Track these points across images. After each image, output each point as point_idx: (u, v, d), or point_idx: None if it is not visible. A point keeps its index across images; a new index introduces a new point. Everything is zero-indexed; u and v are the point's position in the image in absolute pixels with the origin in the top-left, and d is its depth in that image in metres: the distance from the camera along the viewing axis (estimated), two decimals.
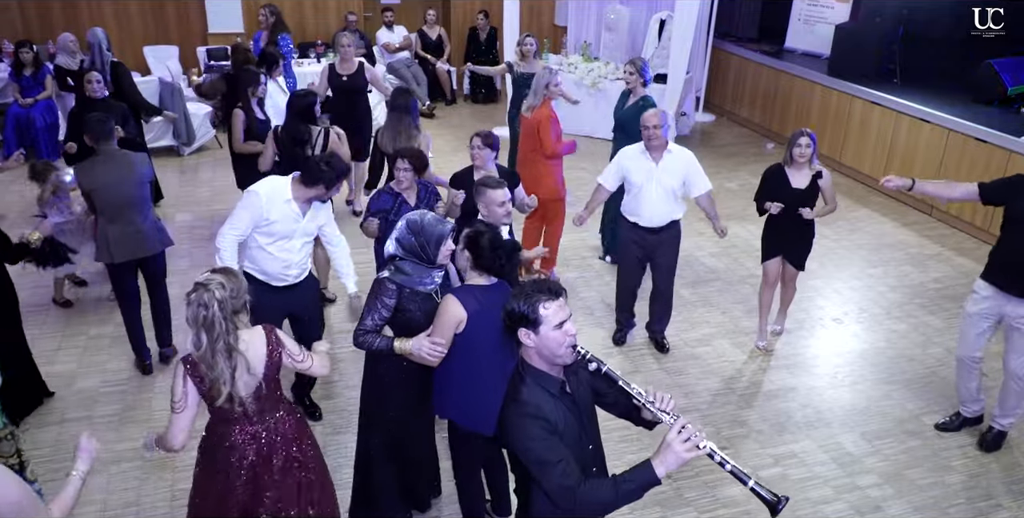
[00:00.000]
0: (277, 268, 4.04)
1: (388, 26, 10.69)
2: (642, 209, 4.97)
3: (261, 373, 2.87)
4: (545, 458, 2.28)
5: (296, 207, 3.94)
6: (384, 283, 3.27)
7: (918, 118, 7.79)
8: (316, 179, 3.88)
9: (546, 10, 11.92)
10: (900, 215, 7.77)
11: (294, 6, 10.76)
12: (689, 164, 4.96)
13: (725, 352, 5.41)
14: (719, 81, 10.80)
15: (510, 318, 2.40)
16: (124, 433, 4.41)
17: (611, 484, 2.27)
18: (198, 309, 2.69)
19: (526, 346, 2.41)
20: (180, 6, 10.36)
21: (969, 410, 4.62)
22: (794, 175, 4.93)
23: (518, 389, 2.41)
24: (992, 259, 4.21)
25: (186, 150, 8.79)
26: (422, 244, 3.23)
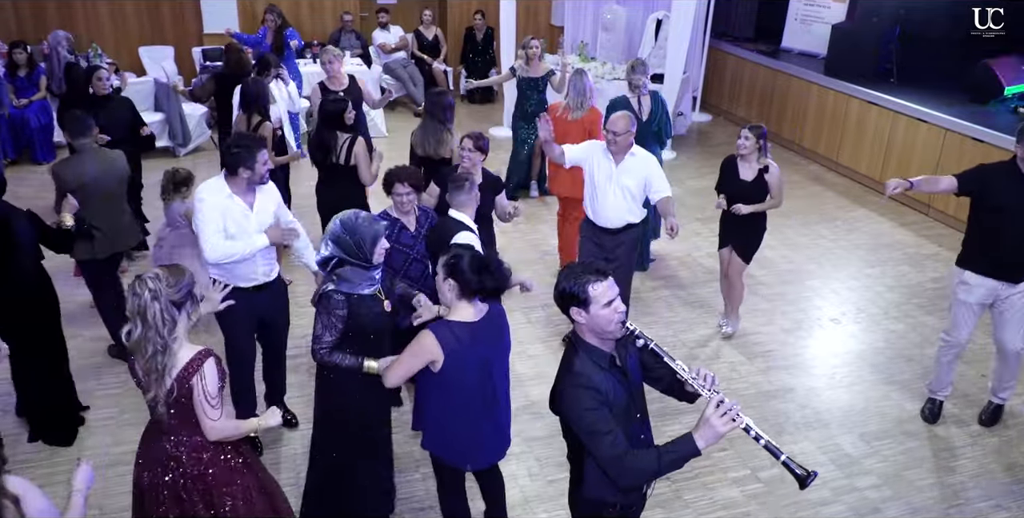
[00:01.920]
0: (243, 269, 3.95)
1: (384, 27, 10.67)
2: (600, 209, 4.96)
3: (167, 386, 2.76)
4: (596, 427, 2.46)
5: (239, 201, 3.89)
6: (332, 297, 3.20)
7: (915, 118, 7.79)
8: (234, 165, 3.81)
9: (543, 10, 11.91)
10: (898, 215, 7.77)
11: (291, 6, 10.72)
12: (650, 167, 4.87)
13: (723, 353, 5.40)
14: (716, 81, 10.80)
15: (561, 298, 2.56)
16: (121, 436, 4.39)
17: (655, 454, 2.43)
18: (133, 298, 2.70)
19: (578, 324, 2.58)
20: (175, 6, 10.33)
21: (943, 395, 4.79)
22: (742, 166, 5.07)
23: (571, 361, 2.59)
24: (971, 249, 4.36)
25: (182, 151, 8.77)
26: (357, 243, 3.17)
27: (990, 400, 4.74)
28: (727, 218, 5.26)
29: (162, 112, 8.65)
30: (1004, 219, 4.19)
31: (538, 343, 5.47)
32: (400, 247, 4.23)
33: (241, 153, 3.79)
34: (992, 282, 4.31)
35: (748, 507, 4.02)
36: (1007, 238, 4.20)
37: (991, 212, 4.23)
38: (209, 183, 3.97)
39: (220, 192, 3.88)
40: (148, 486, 2.93)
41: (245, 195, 3.91)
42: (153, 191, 7.59)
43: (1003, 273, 4.28)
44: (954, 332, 4.57)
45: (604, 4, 10.21)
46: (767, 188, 5.09)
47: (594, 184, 4.94)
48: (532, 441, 4.48)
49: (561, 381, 2.61)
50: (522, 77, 7.52)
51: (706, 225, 7.40)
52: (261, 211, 3.96)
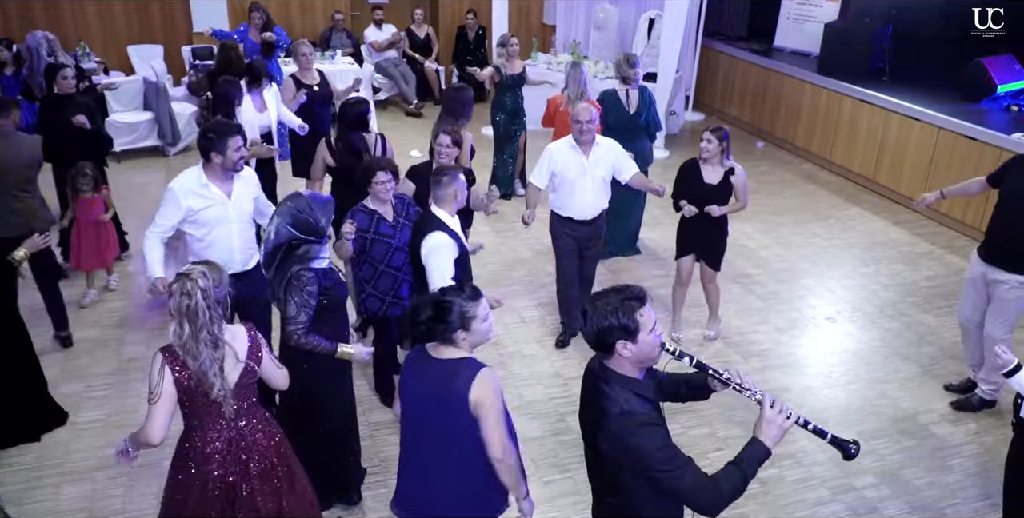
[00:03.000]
0: (224, 256, 3.95)
1: (378, 24, 10.60)
2: (576, 203, 4.98)
3: (241, 369, 2.83)
4: (674, 463, 2.31)
5: (216, 189, 3.92)
6: (302, 275, 3.31)
7: (908, 116, 7.78)
8: (206, 150, 3.87)
9: (535, 9, 11.87)
10: (891, 213, 7.76)
11: (280, 5, 10.64)
12: (616, 152, 5.04)
13: (719, 352, 5.37)
14: (708, 80, 10.77)
15: (606, 333, 2.35)
16: (109, 438, 4.31)
17: (734, 469, 2.36)
18: (181, 298, 2.68)
19: (619, 357, 2.39)
20: (165, 5, 10.23)
21: (974, 374, 4.85)
22: (706, 170, 4.98)
23: (613, 400, 2.37)
24: (986, 233, 4.62)
25: (171, 150, 8.68)
26: (316, 218, 3.31)
27: (975, 392, 4.82)
28: (689, 226, 5.13)
29: (151, 111, 8.57)
30: (1005, 206, 4.40)
31: (533, 343, 5.42)
32: (380, 238, 4.25)
33: (212, 138, 3.84)
34: (980, 262, 4.53)
35: (746, 508, 3.98)
36: (1002, 223, 4.42)
37: (1000, 198, 4.45)
38: (185, 173, 4.00)
39: (194, 182, 3.93)
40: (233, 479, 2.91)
41: (222, 183, 3.94)
42: (141, 191, 7.57)
43: (990, 256, 4.48)
44: (960, 310, 4.80)
45: (596, 3, 10.18)
46: (731, 191, 5.03)
47: (566, 182, 4.95)
48: (527, 442, 4.42)
49: (613, 426, 2.36)
50: (507, 74, 7.57)
51: None
52: (240, 199, 4.01)
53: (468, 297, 2.76)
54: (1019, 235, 4.30)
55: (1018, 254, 4.34)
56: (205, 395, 2.76)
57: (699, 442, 4.45)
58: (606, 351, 2.40)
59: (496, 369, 5.01)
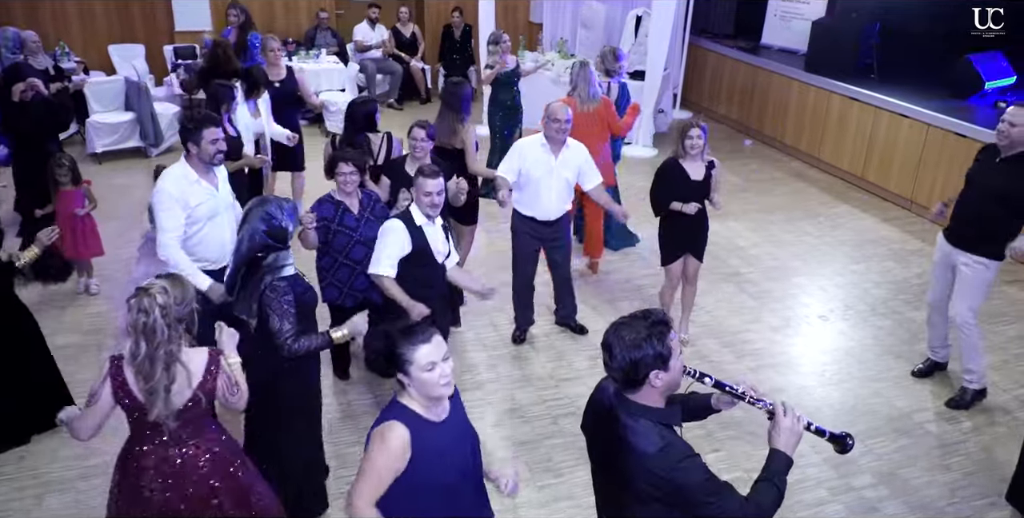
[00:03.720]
0: (216, 250, 4.00)
1: (372, 23, 10.42)
2: (540, 203, 4.93)
3: (189, 396, 2.69)
4: (720, 489, 2.25)
5: (205, 184, 3.95)
6: (276, 286, 3.21)
7: (897, 114, 7.77)
8: (183, 140, 3.93)
9: (521, 7, 11.80)
10: (881, 211, 7.75)
11: (264, 4, 10.53)
12: (584, 156, 5.01)
13: (712, 353, 5.32)
14: (696, 78, 10.75)
15: (641, 365, 2.21)
16: (93, 447, 4.18)
17: (768, 485, 2.35)
18: (138, 315, 2.56)
19: (648, 388, 2.25)
20: (146, 4, 10.09)
21: (939, 355, 5.03)
22: (690, 167, 4.93)
23: (645, 438, 2.23)
24: (951, 217, 4.76)
25: (154, 151, 8.54)
26: (285, 225, 3.26)
27: (963, 386, 4.84)
28: (679, 227, 5.01)
29: (133, 111, 8.43)
30: (967, 189, 4.57)
31: (524, 344, 5.35)
32: (343, 229, 4.28)
33: (189, 129, 3.89)
34: (943, 242, 4.69)
35: None
36: (961, 206, 4.59)
37: (965, 181, 4.63)
38: (172, 170, 3.95)
39: (184, 178, 3.90)
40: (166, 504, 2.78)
41: (208, 176, 3.97)
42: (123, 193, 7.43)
43: (951, 236, 4.66)
44: (929, 291, 4.93)
45: (583, 1, 10.12)
46: (711, 184, 5.01)
47: (532, 181, 4.90)
48: (520, 446, 4.37)
49: (654, 463, 2.21)
50: (501, 72, 7.51)
51: None
52: (224, 190, 4.06)
53: (404, 337, 2.32)
54: (976, 216, 4.47)
55: (976, 234, 4.50)
56: (146, 413, 2.66)
57: (696, 444, 4.31)
58: (637, 385, 2.24)
59: (487, 371, 5.03)
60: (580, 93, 5.90)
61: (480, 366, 5.08)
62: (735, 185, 8.34)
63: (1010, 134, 4.29)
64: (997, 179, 4.38)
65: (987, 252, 4.46)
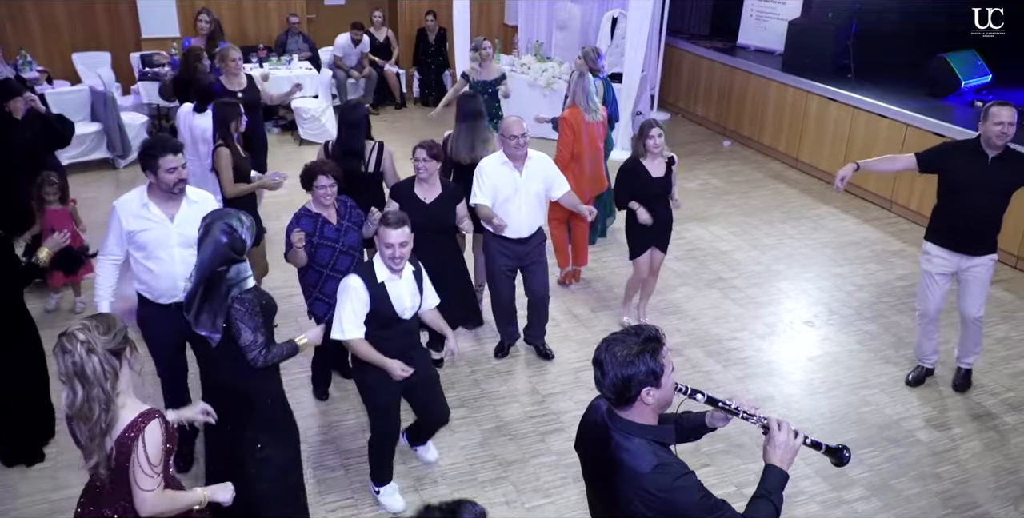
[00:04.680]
0: (164, 285, 3.72)
1: (355, 42, 10.15)
2: (510, 222, 4.72)
3: (107, 449, 2.45)
4: (716, 507, 2.22)
5: (156, 210, 3.65)
6: (243, 299, 3.15)
7: (875, 114, 7.75)
8: (143, 168, 3.63)
9: (496, 9, 11.68)
10: (861, 211, 7.73)
11: (233, 9, 10.32)
12: (548, 167, 4.91)
13: (698, 362, 5.24)
14: (673, 79, 10.68)
15: (634, 382, 2.16)
16: (60, 481, 4.05)
17: (765, 502, 2.31)
18: (64, 357, 2.37)
19: (640, 405, 2.21)
20: (111, 10, 9.83)
21: (930, 361, 5.03)
22: (651, 165, 5.02)
23: (639, 457, 2.19)
24: (936, 223, 4.65)
25: (122, 163, 8.31)
26: (244, 238, 3.19)
27: (958, 367, 4.97)
28: (645, 224, 5.08)
29: (99, 122, 8.20)
30: (963, 196, 4.46)
31: (507, 358, 5.23)
32: (325, 242, 4.20)
33: (145, 156, 3.60)
34: (950, 254, 4.59)
35: None
36: (964, 214, 4.47)
37: (952, 188, 4.52)
38: (131, 191, 3.76)
39: (134, 201, 3.67)
40: None
41: (165, 204, 3.67)
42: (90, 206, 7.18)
43: (960, 246, 4.55)
44: (920, 302, 4.85)
45: (558, 2, 10.02)
46: (672, 180, 5.12)
47: (500, 201, 4.73)
48: (508, 465, 4.26)
49: (649, 482, 2.17)
50: (476, 80, 7.29)
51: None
52: (185, 223, 3.65)
53: None
54: (981, 221, 4.48)
55: (984, 237, 4.52)
56: None
57: (685, 459, 4.24)
58: (628, 402, 2.21)
59: (470, 388, 4.91)
60: (581, 104, 5.78)
61: (463, 382, 4.96)
62: (716, 187, 8.29)
63: (1011, 134, 4.31)
64: (998, 179, 4.39)
65: (994, 248, 4.57)
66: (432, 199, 4.55)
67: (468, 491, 4.03)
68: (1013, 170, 4.39)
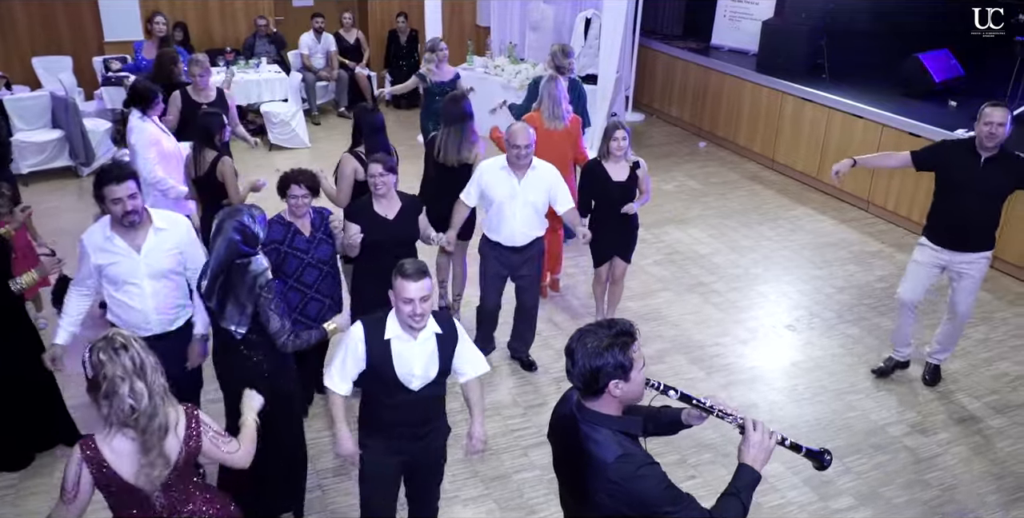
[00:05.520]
0: (135, 318, 3.52)
1: (318, 33, 10.02)
2: (504, 227, 4.60)
3: (173, 460, 2.41)
4: (678, 497, 2.22)
5: (121, 241, 3.42)
6: (270, 287, 3.28)
7: (851, 114, 7.74)
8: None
9: (467, 10, 11.55)
10: (838, 212, 7.71)
11: (199, 11, 10.09)
12: (554, 179, 4.67)
13: (681, 369, 5.16)
14: (647, 80, 10.63)
15: (601, 373, 2.19)
16: (24, 507, 3.86)
17: (733, 499, 2.30)
18: (120, 356, 2.30)
19: (608, 397, 2.24)
20: (72, 13, 9.55)
21: (902, 354, 5.05)
22: (613, 168, 4.90)
23: (604, 447, 2.21)
24: (931, 221, 4.70)
25: (85, 170, 8.06)
26: (257, 231, 3.34)
27: (927, 361, 5.03)
28: (605, 230, 4.95)
29: (60, 129, 7.95)
30: (957, 195, 4.50)
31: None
32: (295, 252, 4.08)
33: (94, 186, 3.35)
34: (944, 250, 4.63)
35: None
36: (958, 213, 4.53)
37: (946, 188, 4.57)
38: (96, 222, 3.57)
39: (97, 234, 3.45)
40: None
41: (128, 235, 3.42)
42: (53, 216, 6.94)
43: (954, 244, 4.59)
44: (901, 287, 4.86)
45: (530, 3, 9.91)
46: (636, 185, 4.95)
47: (494, 204, 4.60)
48: (490, 482, 4.14)
49: (614, 472, 2.17)
50: (433, 82, 7.14)
51: (649, 230, 7.18)
52: (154, 253, 3.46)
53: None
54: (974, 219, 4.52)
55: (977, 236, 4.57)
56: (130, 488, 2.36)
57: (670, 471, 4.15)
58: (596, 393, 2.24)
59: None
60: (545, 110, 5.56)
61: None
62: (693, 189, 8.24)
63: (999, 135, 4.33)
64: (992, 180, 4.42)
65: (988, 246, 4.62)
66: (394, 215, 4.30)
67: (449, 510, 3.91)
68: (1007, 171, 4.41)
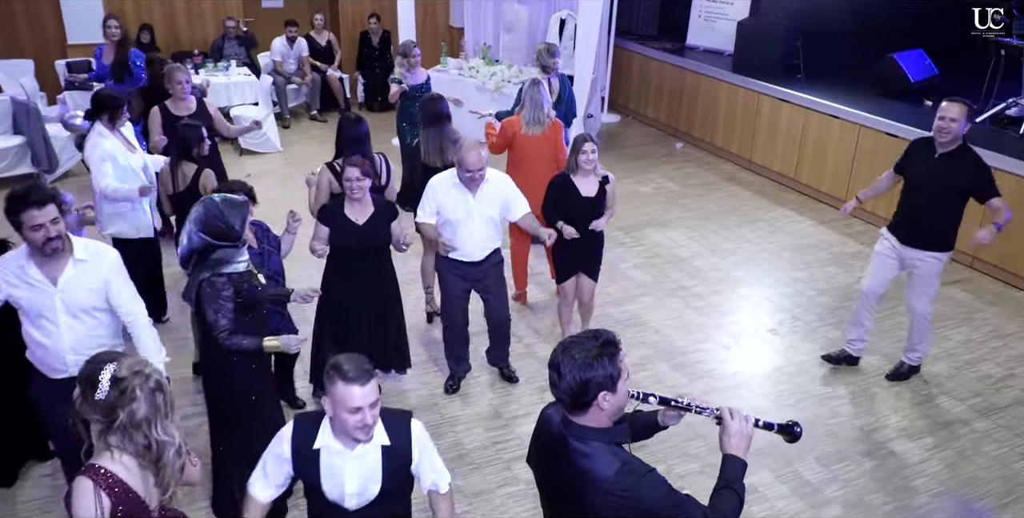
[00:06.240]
0: (50, 359, 3.21)
1: (291, 41, 9.81)
2: (462, 244, 4.44)
3: None
4: (681, 501, 2.20)
5: (37, 271, 3.07)
6: (213, 282, 3.24)
7: (827, 114, 7.72)
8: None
9: (440, 11, 11.42)
10: (817, 213, 7.69)
11: (165, 12, 9.88)
12: (507, 189, 4.54)
13: (664, 376, 5.08)
14: (622, 80, 10.57)
15: (590, 386, 2.13)
16: None
17: (728, 492, 2.29)
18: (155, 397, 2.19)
19: (596, 410, 2.18)
20: (32, 14, 9.29)
21: (855, 348, 5.09)
22: (581, 183, 4.73)
23: (599, 461, 2.16)
24: (895, 214, 4.80)
25: (49, 177, 7.81)
26: (229, 224, 3.22)
27: (902, 360, 5.04)
28: (572, 246, 4.74)
29: (22, 135, 7.71)
30: (913, 190, 4.62)
31: (467, 379, 4.99)
32: None
33: (7, 211, 3.02)
34: (898, 243, 4.71)
35: None
36: (910, 206, 4.64)
37: (907, 181, 4.69)
38: (13, 249, 3.32)
39: (11, 261, 3.13)
40: None
41: (45, 266, 3.09)
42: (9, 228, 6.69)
43: (906, 238, 4.67)
44: (868, 279, 4.90)
45: (504, 3, 9.81)
46: (604, 199, 4.78)
47: (450, 222, 4.43)
48: (473, 497, 4.03)
49: (616, 484, 2.12)
50: (411, 85, 7.05)
51: (629, 234, 7.12)
52: (72, 287, 3.13)
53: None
54: (927, 214, 4.56)
55: (927, 233, 4.59)
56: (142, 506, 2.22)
57: None
58: (583, 407, 2.18)
59: (429, 413, 4.68)
60: (526, 114, 5.43)
61: (421, 407, 4.71)
62: (672, 191, 8.18)
63: (951, 130, 4.35)
64: (944, 176, 4.44)
65: (939, 246, 4.61)
66: (365, 220, 4.21)
67: None
68: (962, 168, 4.42)
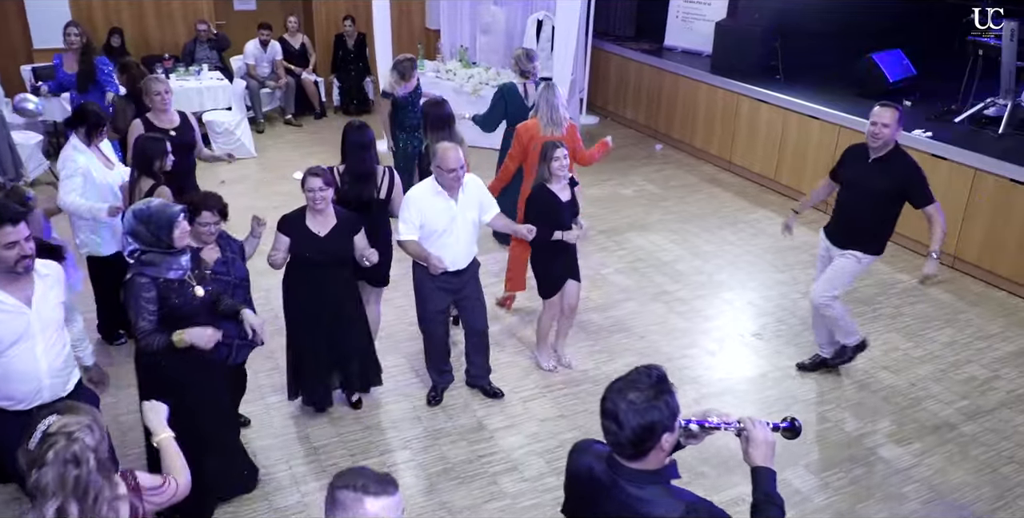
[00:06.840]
0: (25, 388, 3.04)
1: (264, 44, 9.62)
2: (448, 253, 4.31)
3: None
4: None
5: (7, 295, 2.92)
6: (135, 280, 3.21)
7: (806, 115, 7.70)
8: None
9: (416, 13, 11.29)
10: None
11: (134, 15, 9.66)
12: (480, 189, 4.49)
13: None
14: (600, 82, 10.52)
15: (655, 429, 1.99)
16: None
17: (770, 506, 2.20)
18: (66, 468, 1.97)
19: (657, 453, 2.04)
20: None
21: (826, 351, 5.09)
22: (558, 189, 4.70)
23: (661, 506, 2.03)
24: (831, 218, 4.89)
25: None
26: (154, 232, 3.17)
27: (817, 353, 5.14)
28: (560, 254, 4.74)
29: None
30: (844, 192, 4.70)
31: (450, 390, 4.88)
32: (217, 277, 3.80)
33: None
34: (829, 243, 4.80)
35: None
36: (842, 209, 4.72)
37: (840, 186, 4.76)
38: None
39: None
40: None
41: (14, 286, 2.95)
42: None
43: (829, 233, 4.81)
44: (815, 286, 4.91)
45: (481, 5, 9.71)
46: (577, 201, 4.83)
47: (436, 233, 4.29)
48: (459, 513, 3.92)
49: None
50: (400, 95, 6.90)
51: (611, 238, 7.06)
52: (42, 304, 3.01)
53: None
54: (854, 216, 4.63)
55: (858, 234, 4.65)
56: None
57: None
58: (647, 452, 2.02)
59: (412, 426, 4.57)
60: (543, 116, 5.42)
61: (404, 420, 4.60)
62: (652, 194, 8.13)
63: (882, 135, 4.39)
64: (876, 180, 4.48)
65: (865, 248, 4.64)
66: (327, 232, 4.10)
67: None
68: (893, 173, 4.45)
